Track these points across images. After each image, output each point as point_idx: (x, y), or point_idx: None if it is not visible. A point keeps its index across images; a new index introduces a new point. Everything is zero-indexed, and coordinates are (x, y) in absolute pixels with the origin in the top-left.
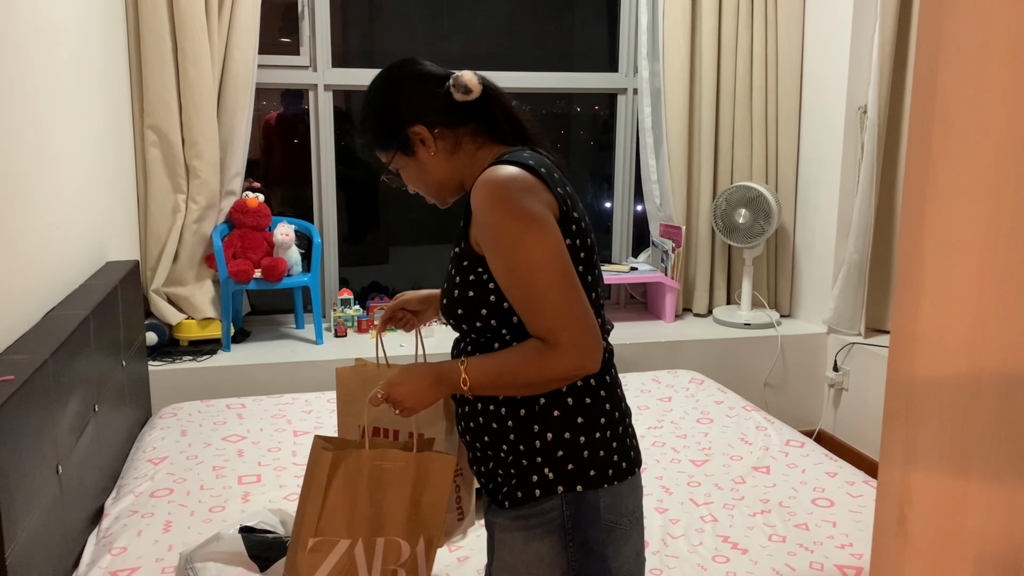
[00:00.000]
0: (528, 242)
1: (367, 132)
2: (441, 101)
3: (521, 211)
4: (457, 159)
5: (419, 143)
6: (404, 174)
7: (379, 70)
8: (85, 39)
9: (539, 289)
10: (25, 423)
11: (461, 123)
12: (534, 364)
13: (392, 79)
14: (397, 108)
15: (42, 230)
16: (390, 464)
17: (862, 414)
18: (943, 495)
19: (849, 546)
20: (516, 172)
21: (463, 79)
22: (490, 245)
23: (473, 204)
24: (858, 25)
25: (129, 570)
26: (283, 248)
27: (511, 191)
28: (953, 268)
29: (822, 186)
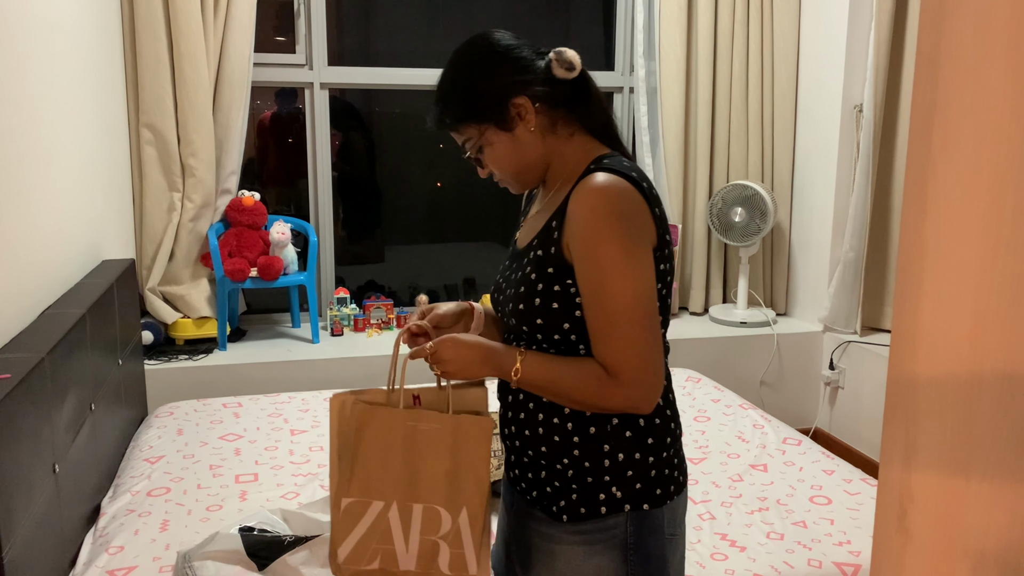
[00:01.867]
0: (624, 271)
1: (456, 103)
2: (544, 74)
3: (627, 239)
4: (551, 140)
5: (519, 117)
6: (491, 152)
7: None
8: (80, 37)
9: (620, 321)
10: (22, 422)
11: (559, 103)
12: (590, 389)
13: (488, 48)
14: (498, 77)
15: (38, 229)
16: (425, 426)
17: (858, 412)
18: (944, 492)
19: (847, 543)
20: (627, 189)
21: (567, 55)
22: (584, 258)
23: (576, 209)
24: (854, 24)
25: (126, 569)
26: (279, 247)
27: (621, 211)
28: (954, 266)
29: (818, 185)
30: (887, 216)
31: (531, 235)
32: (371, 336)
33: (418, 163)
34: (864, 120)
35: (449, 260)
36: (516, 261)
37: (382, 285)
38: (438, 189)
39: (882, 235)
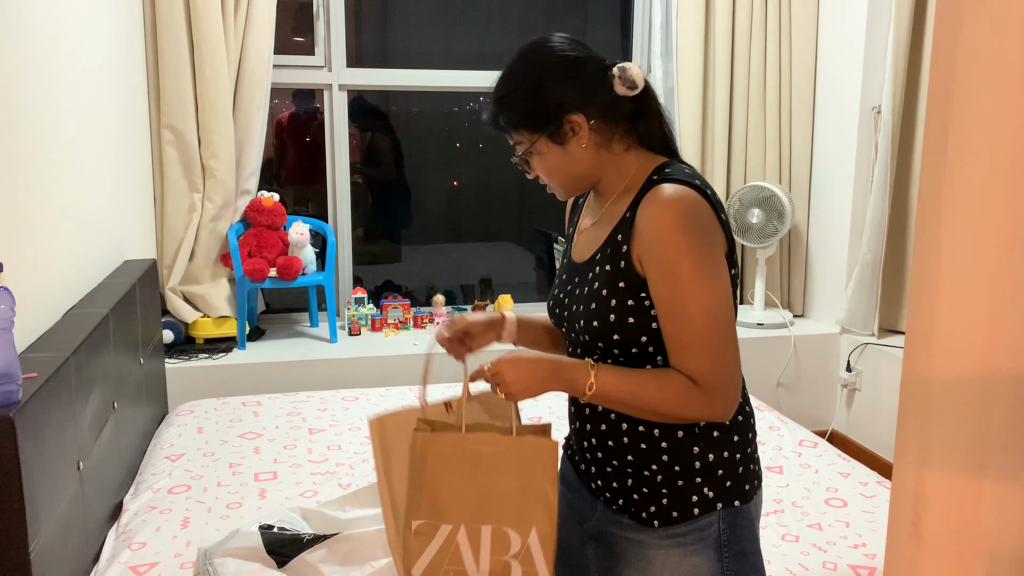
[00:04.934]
0: (704, 284)
1: (513, 109)
2: (603, 92)
3: (699, 246)
4: (604, 156)
5: (571, 132)
6: (540, 160)
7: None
8: (103, 40)
9: (703, 332)
10: (48, 420)
11: (617, 120)
12: (676, 400)
13: (551, 57)
14: (558, 91)
15: (61, 229)
16: (489, 448)
17: (875, 415)
18: (958, 495)
19: (863, 546)
20: (696, 198)
21: (630, 72)
22: (659, 271)
23: (647, 222)
24: (872, 25)
25: (148, 565)
26: (298, 247)
27: (693, 219)
28: (969, 269)
29: (836, 186)
30: (905, 218)
31: (592, 248)
32: (388, 336)
33: (435, 163)
34: (882, 121)
35: (465, 260)
36: (578, 275)
37: (399, 285)
38: (454, 189)
39: (900, 237)
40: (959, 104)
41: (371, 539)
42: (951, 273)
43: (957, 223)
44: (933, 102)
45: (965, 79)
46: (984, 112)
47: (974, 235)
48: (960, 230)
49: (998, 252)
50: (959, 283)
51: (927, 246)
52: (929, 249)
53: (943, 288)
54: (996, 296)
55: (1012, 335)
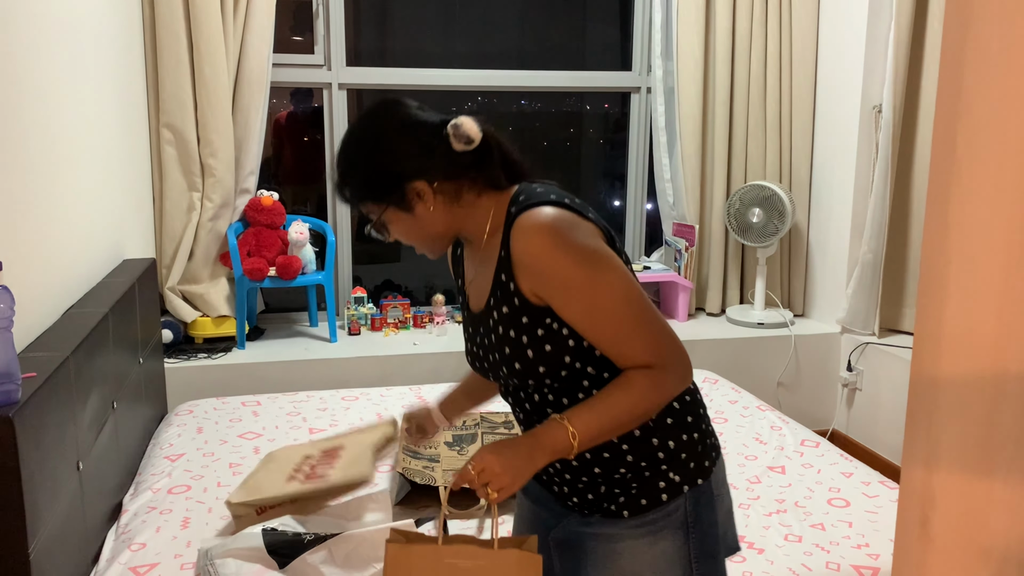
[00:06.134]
0: (604, 279)
1: (354, 184)
2: (440, 152)
3: (583, 250)
4: (457, 209)
5: (416, 198)
6: (394, 227)
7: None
8: (102, 38)
9: (630, 320)
10: (47, 420)
11: (461, 173)
12: (649, 393)
13: (383, 128)
14: (393, 161)
15: (60, 229)
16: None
17: (876, 414)
18: (967, 495)
19: (865, 546)
20: (556, 212)
21: (463, 129)
22: (559, 292)
23: (523, 256)
24: (873, 24)
25: (148, 566)
26: (297, 246)
27: (563, 232)
28: (978, 267)
29: (836, 185)
30: (906, 217)
31: (484, 295)
32: (388, 335)
33: None
34: (883, 120)
35: None
36: (481, 324)
37: (399, 284)
38: None
39: (901, 236)
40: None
41: (372, 539)
42: (960, 271)
43: (966, 219)
44: (942, 98)
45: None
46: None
47: (983, 232)
48: (969, 227)
49: (1008, 249)
50: (968, 281)
51: (935, 243)
52: (937, 246)
53: (951, 286)
54: (1006, 294)
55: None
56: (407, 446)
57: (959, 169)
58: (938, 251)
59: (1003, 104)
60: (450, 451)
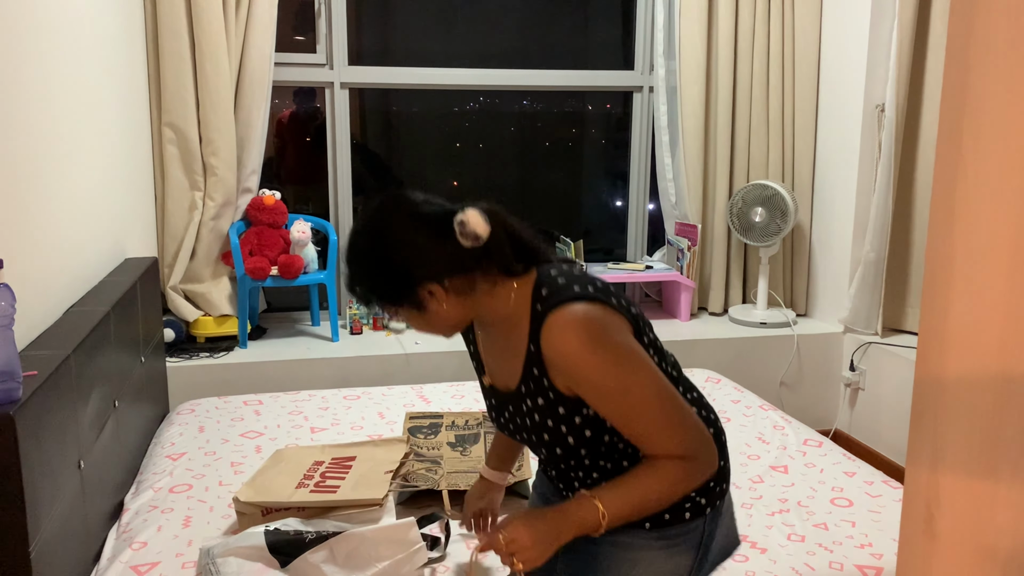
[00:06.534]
0: (637, 380)
1: (366, 285)
2: (449, 250)
3: (615, 352)
4: (471, 300)
5: (429, 297)
6: (409, 321)
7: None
8: (104, 37)
9: (662, 417)
10: (49, 418)
11: (473, 267)
12: (678, 484)
13: (391, 229)
14: (404, 267)
15: (62, 227)
16: None
17: (878, 414)
18: (972, 495)
19: (868, 546)
20: (586, 311)
21: (470, 227)
22: (593, 392)
23: (556, 356)
24: (876, 22)
25: (149, 564)
26: (300, 245)
27: (595, 335)
28: (983, 267)
29: (839, 184)
30: (909, 217)
31: (512, 380)
32: (390, 335)
33: (435, 162)
34: (886, 120)
35: None
36: (512, 405)
37: None
38: (454, 189)
39: (904, 236)
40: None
41: (374, 539)
42: (965, 270)
43: (971, 218)
44: (947, 95)
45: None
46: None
47: (989, 230)
48: (974, 225)
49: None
50: (973, 280)
51: (940, 242)
52: (942, 245)
53: (956, 285)
54: (1011, 293)
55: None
56: (416, 452)
57: (964, 166)
58: (943, 249)
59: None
60: (453, 452)
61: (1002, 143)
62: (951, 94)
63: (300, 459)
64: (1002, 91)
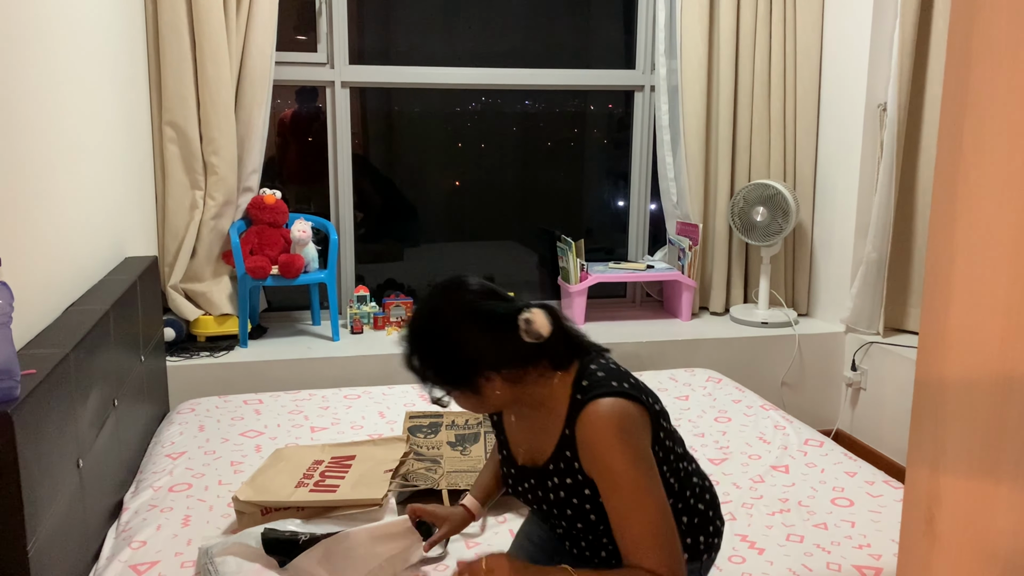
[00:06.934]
0: (649, 486)
1: (428, 366)
2: (511, 345)
3: (637, 456)
4: (519, 389)
5: (485, 382)
6: (458, 401)
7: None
8: (104, 35)
9: (658, 530)
10: (47, 417)
11: (529, 361)
12: None
13: (459, 320)
14: (467, 355)
15: (62, 226)
16: None
17: (880, 414)
18: (973, 495)
19: (867, 546)
20: (624, 407)
21: (536, 327)
22: (609, 483)
23: (588, 442)
24: (878, 21)
25: (149, 564)
26: (300, 245)
27: (629, 433)
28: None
29: (840, 184)
30: (911, 216)
31: (540, 457)
32: (391, 334)
33: (437, 162)
34: (888, 119)
35: (468, 259)
36: (535, 479)
37: (401, 283)
38: (456, 188)
39: (906, 235)
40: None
41: (369, 536)
42: (966, 269)
43: (972, 218)
44: (948, 93)
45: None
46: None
47: (990, 230)
48: (975, 225)
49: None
50: (974, 280)
51: (941, 242)
52: (943, 245)
53: (957, 285)
54: (1012, 293)
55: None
56: (416, 451)
57: (965, 166)
58: (944, 249)
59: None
60: (453, 451)
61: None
62: (952, 93)
63: (300, 458)
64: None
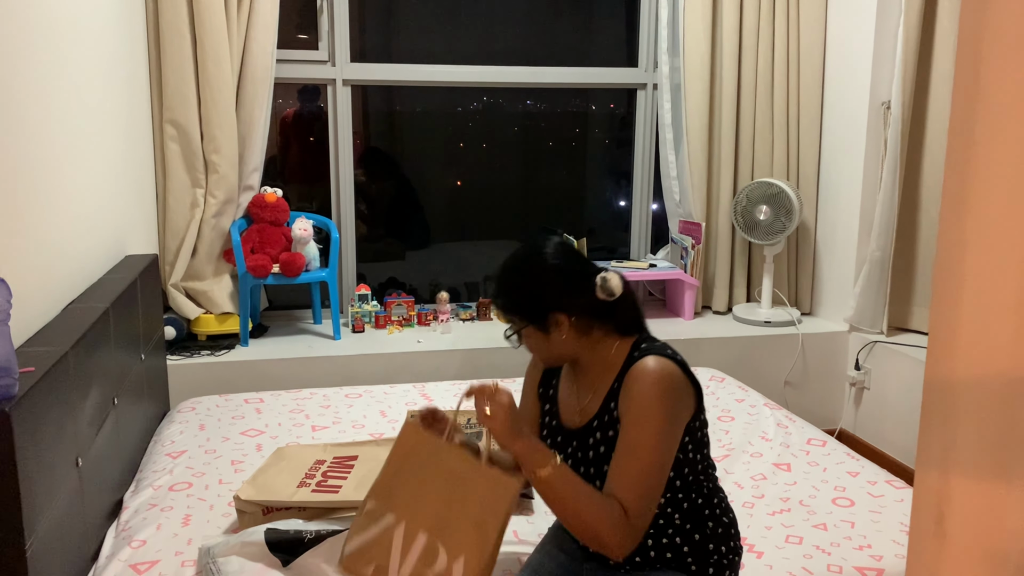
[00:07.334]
0: (658, 443)
1: (509, 297)
2: (586, 296)
3: (668, 415)
4: (583, 342)
5: (555, 325)
6: (527, 340)
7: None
8: (104, 33)
9: (648, 478)
10: (46, 415)
11: (596, 315)
12: (607, 523)
13: (546, 260)
14: (545, 292)
15: (62, 224)
16: (458, 466)
17: (884, 414)
18: (983, 496)
19: (868, 547)
20: (675, 372)
21: (610, 284)
22: (633, 419)
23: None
24: (882, 19)
25: (149, 563)
26: (301, 243)
27: (672, 394)
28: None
29: (844, 183)
30: (915, 215)
31: (586, 418)
32: (392, 333)
33: (438, 162)
34: (892, 117)
35: (470, 258)
36: (576, 440)
37: (403, 282)
38: (458, 188)
39: (910, 234)
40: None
41: None
42: (976, 266)
43: (983, 214)
44: (959, 89)
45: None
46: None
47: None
48: (986, 221)
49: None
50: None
51: (950, 238)
52: (953, 242)
53: (968, 283)
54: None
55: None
56: None
57: (976, 161)
58: (954, 245)
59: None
60: None
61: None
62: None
63: (302, 458)
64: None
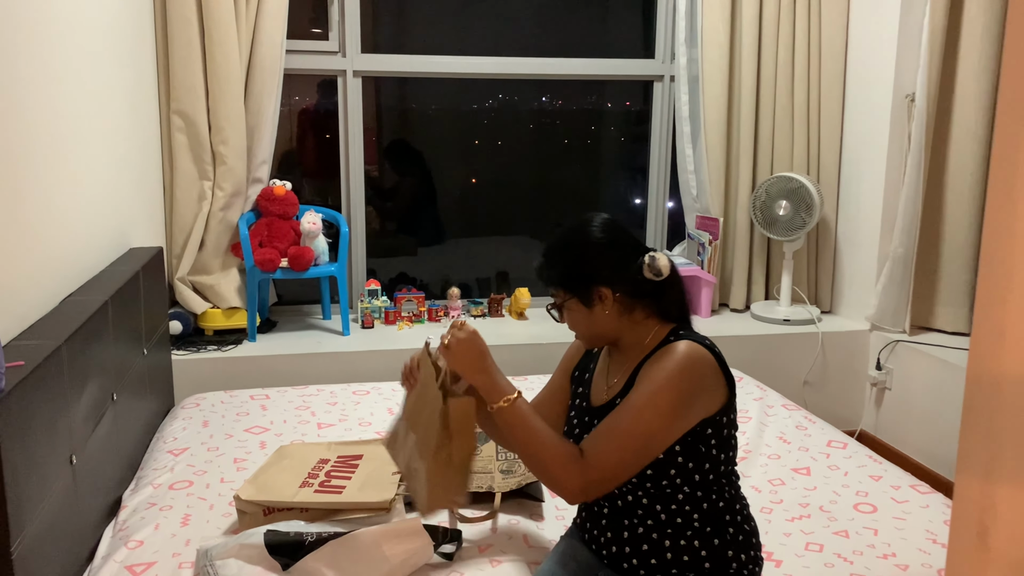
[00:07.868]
0: (659, 412)
1: (555, 269)
2: (632, 273)
3: (683, 390)
4: (624, 321)
5: (598, 300)
6: (569, 315)
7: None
8: (111, 23)
9: (628, 439)
10: (36, 411)
11: (640, 295)
12: (558, 460)
13: (594, 235)
14: (592, 264)
15: (62, 214)
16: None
17: (906, 415)
18: None
19: (892, 556)
20: (704, 355)
21: (658, 263)
22: (645, 386)
23: (657, 356)
24: (906, 8)
25: (145, 564)
26: (310, 237)
27: (694, 373)
28: None
29: (866, 177)
30: (939, 211)
31: (610, 395)
32: (402, 329)
33: (451, 158)
34: (916, 110)
35: (482, 254)
36: (599, 418)
37: (414, 278)
38: (471, 185)
39: (934, 231)
40: None
41: (377, 538)
42: None
43: None
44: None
45: None
46: None
47: None
48: None
49: None
50: None
51: (998, 231)
52: (1001, 234)
53: (1017, 275)
54: None
55: None
56: None
57: None
58: (1001, 238)
59: None
60: None
61: None
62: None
63: (305, 456)
64: None
